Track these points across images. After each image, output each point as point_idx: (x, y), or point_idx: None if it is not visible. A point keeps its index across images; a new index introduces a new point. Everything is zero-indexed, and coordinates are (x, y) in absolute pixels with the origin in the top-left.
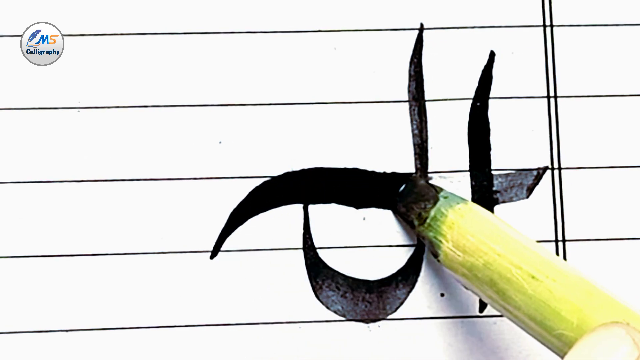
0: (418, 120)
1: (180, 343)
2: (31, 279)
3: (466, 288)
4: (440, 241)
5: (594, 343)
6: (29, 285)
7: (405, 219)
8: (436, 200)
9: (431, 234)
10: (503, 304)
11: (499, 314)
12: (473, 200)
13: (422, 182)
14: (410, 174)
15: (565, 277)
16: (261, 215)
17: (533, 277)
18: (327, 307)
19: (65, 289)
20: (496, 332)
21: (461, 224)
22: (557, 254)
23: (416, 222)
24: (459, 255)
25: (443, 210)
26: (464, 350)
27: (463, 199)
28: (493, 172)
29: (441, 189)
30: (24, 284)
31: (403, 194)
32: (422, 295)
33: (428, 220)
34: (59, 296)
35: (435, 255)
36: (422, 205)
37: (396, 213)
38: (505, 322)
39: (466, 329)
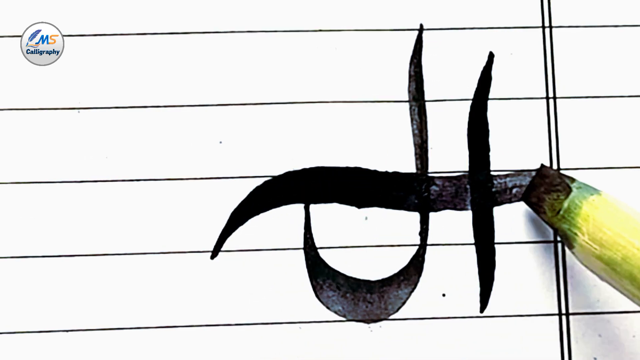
0: (418, 120)
1: (181, 343)
2: (31, 279)
3: (602, 280)
4: (575, 234)
5: None
6: (29, 285)
7: (537, 210)
8: (569, 191)
9: (565, 226)
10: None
11: (500, 314)
12: (473, 200)
13: (552, 171)
14: (412, 174)
15: None
16: (262, 215)
17: None
18: (328, 308)
19: (65, 289)
20: (498, 332)
21: (596, 216)
22: (557, 254)
23: (549, 214)
24: (595, 249)
25: (577, 201)
26: (466, 350)
27: (596, 190)
28: (492, 173)
29: (574, 180)
30: (24, 284)
31: (534, 184)
32: (424, 296)
33: (561, 212)
34: (59, 296)
35: (570, 247)
36: (555, 196)
37: (527, 204)
38: (506, 321)
39: (468, 329)
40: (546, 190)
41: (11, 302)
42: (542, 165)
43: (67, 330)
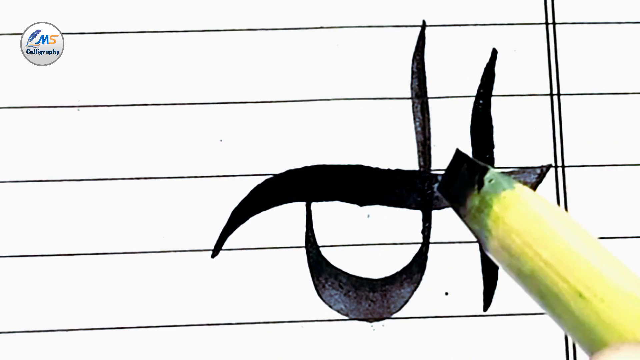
0: (421, 117)
1: (181, 343)
2: (31, 279)
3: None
4: (487, 237)
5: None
6: (29, 285)
7: (452, 205)
8: (481, 184)
9: (477, 227)
10: (553, 319)
11: (504, 312)
12: None
13: (469, 158)
14: (415, 171)
15: (615, 296)
16: (263, 213)
17: (580, 295)
18: (330, 306)
19: (65, 289)
20: (501, 331)
21: (506, 219)
22: None
23: (461, 211)
24: (505, 258)
25: (487, 199)
26: (469, 349)
27: (511, 183)
28: (496, 170)
29: (487, 169)
30: (24, 284)
31: (447, 175)
32: (427, 294)
33: (473, 211)
34: (59, 296)
35: (485, 250)
36: (467, 190)
37: (439, 192)
38: (510, 320)
39: (472, 327)
40: (461, 182)
41: (11, 302)
42: (457, 150)
43: (67, 330)
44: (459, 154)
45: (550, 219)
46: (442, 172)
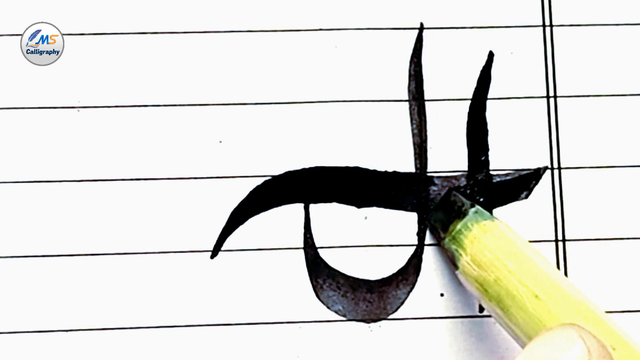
0: (418, 119)
1: (180, 343)
2: (31, 279)
3: (482, 304)
4: (461, 254)
5: (548, 342)
6: (29, 285)
7: (434, 230)
8: (466, 214)
9: (453, 247)
10: (507, 321)
11: None
12: (472, 200)
13: (458, 196)
14: (411, 174)
15: (567, 300)
16: (262, 214)
17: (536, 297)
18: (328, 307)
19: (65, 289)
20: (497, 332)
21: (482, 239)
22: (557, 253)
23: (442, 234)
24: (474, 270)
25: (469, 224)
26: (465, 350)
27: (492, 217)
28: (492, 172)
29: (473, 205)
30: (24, 284)
31: (439, 204)
32: (423, 295)
33: (453, 233)
34: (59, 296)
35: (455, 269)
36: (451, 219)
37: (425, 220)
38: None
39: (466, 328)
40: (447, 210)
41: (11, 302)
42: (450, 189)
43: (67, 330)
44: (449, 192)
45: (519, 242)
46: (438, 175)
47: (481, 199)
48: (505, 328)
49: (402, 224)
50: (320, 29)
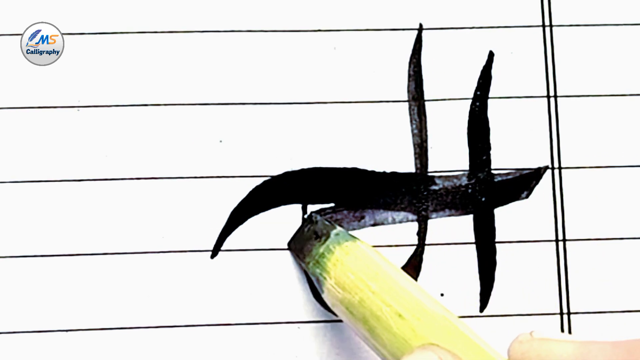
0: (417, 120)
1: (180, 343)
2: (31, 279)
3: (348, 325)
4: (325, 278)
5: None
6: (29, 285)
7: (298, 255)
8: (327, 237)
9: (318, 271)
10: (373, 342)
11: (500, 313)
12: (473, 200)
13: (319, 219)
14: (410, 174)
15: (430, 317)
16: (261, 214)
17: (400, 316)
18: (327, 308)
19: (65, 290)
20: (497, 331)
21: (345, 261)
22: (558, 253)
23: (307, 259)
24: (339, 292)
25: (331, 247)
26: None
27: (354, 237)
28: (493, 172)
29: (334, 227)
30: (24, 284)
31: (298, 232)
32: None
33: (316, 257)
34: (59, 296)
35: (321, 292)
36: (316, 243)
37: (290, 249)
38: (506, 321)
39: None
40: (307, 237)
41: (11, 302)
42: (311, 213)
43: (67, 330)
44: (310, 217)
45: (381, 262)
46: (438, 175)
47: (483, 199)
48: (373, 350)
49: (402, 224)
50: (320, 30)
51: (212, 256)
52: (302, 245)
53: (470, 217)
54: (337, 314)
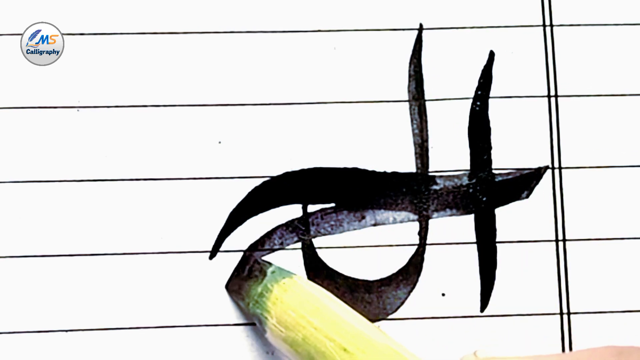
0: (418, 119)
1: (180, 343)
2: (31, 279)
3: None
4: (266, 317)
5: None
6: (29, 285)
7: (237, 297)
8: (264, 275)
9: (258, 311)
10: None
11: (500, 313)
12: (474, 199)
13: (253, 258)
14: (411, 174)
15: (374, 348)
16: (260, 215)
17: (345, 350)
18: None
19: (65, 289)
20: (498, 332)
21: (284, 299)
22: (557, 253)
23: (247, 300)
24: (281, 331)
25: (269, 285)
26: (465, 350)
27: (290, 274)
28: (494, 172)
29: (270, 265)
30: (24, 284)
31: (234, 273)
32: (423, 295)
33: (255, 297)
34: (59, 296)
35: (264, 333)
36: (252, 282)
37: (228, 292)
38: (507, 321)
39: (468, 328)
40: (245, 277)
41: (11, 302)
42: (244, 253)
43: (67, 330)
44: (245, 256)
45: (320, 296)
46: (439, 175)
47: (484, 198)
48: None
49: (402, 224)
50: (319, 30)
51: (211, 257)
52: (239, 286)
53: (472, 216)
54: (283, 352)
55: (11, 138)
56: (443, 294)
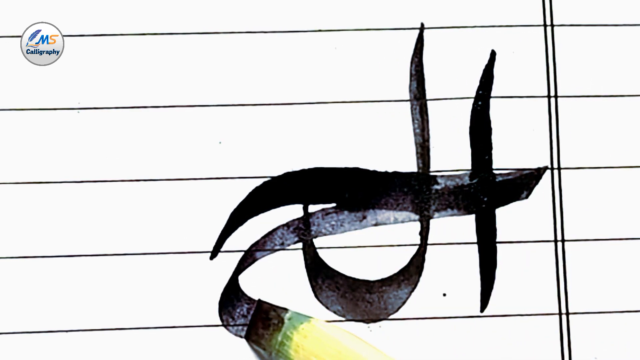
0: (419, 119)
1: (180, 343)
2: (31, 279)
3: None
4: None
5: None
6: (29, 285)
7: (259, 348)
8: (282, 322)
9: None
10: None
11: (501, 313)
12: (475, 199)
13: (266, 305)
14: (412, 173)
15: None
16: (261, 215)
17: None
18: (327, 307)
19: (65, 289)
20: (498, 332)
21: (306, 346)
22: (557, 253)
23: (269, 349)
24: None
25: (288, 333)
26: (466, 350)
27: (307, 318)
28: (494, 172)
29: (286, 310)
30: (24, 284)
31: (251, 322)
32: (424, 295)
33: (277, 347)
34: (59, 296)
35: None
36: (271, 331)
37: (249, 343)
38: (507, 321)
39: (468, 328)
40: (263, 325)
41: (11, 302)
42: (259, 300)
43: (67, 330)
44: (260, 303)
45: (340, 338)
46: (440, 174)
47: (485, 198)
48: None
49: (403, 224)
50: (320, 30)
51: (212, 257)
52: (258, 336)
53: (473, 216)
54: None
55: (11, 139)
56: (444, 294)
